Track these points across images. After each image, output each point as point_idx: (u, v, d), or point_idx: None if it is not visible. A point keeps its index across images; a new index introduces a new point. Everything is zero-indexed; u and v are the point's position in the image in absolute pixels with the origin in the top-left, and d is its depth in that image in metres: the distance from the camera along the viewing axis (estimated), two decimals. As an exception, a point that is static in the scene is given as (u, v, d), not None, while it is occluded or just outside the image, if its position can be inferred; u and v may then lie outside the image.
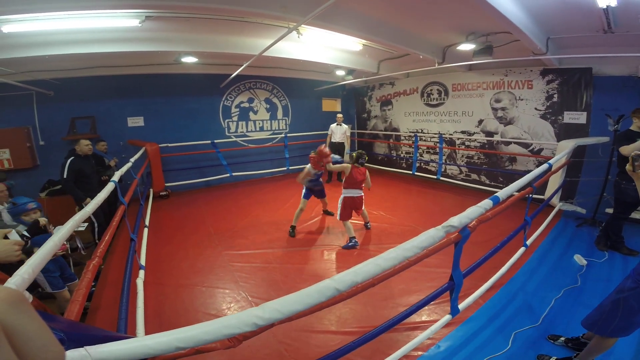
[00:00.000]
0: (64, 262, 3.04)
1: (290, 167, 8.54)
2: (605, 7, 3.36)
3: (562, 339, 2.35)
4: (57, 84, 5.84)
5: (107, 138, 5.89)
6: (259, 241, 4.41)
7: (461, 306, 2.50)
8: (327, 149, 4.37)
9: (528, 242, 3.66)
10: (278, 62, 6.63)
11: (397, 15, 4.37)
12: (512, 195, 2.67)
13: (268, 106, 8.69)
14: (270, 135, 8.82)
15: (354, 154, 4.25)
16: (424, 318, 2.70)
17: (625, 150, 3.29)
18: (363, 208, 4.51)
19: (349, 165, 4.19)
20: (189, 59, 5.64)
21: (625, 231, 3.79)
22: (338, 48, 6.01)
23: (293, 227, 4.59)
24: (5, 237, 1.40)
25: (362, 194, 4.34)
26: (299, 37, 4.27)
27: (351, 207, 4.27)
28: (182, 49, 4.91)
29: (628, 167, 1.71)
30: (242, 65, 5.74)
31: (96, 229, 4.17)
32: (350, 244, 4.11)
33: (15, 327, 0.38)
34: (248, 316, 1.06)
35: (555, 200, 4.94)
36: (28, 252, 1.32)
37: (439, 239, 1.70)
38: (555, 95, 5.51)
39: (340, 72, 7.49)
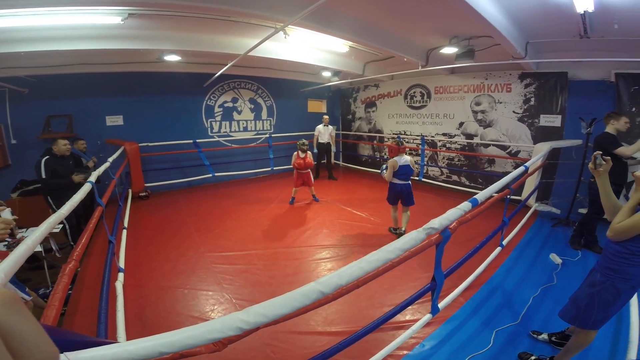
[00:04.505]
0: None
1: (274, 168, 8.51)
2: (582, 12, 3.48)
3: (545, 334, 2.42)
4: (32, 80, 5.57)
5: (84, 137, 5.67)
6: (242, 242, 4.37)
7: (441, 305, 2.56)
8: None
9: (505, 242, 3.78)
10: (264, 62, 6.58)
11: (383, 18, 4.42)
12: (490, 197, 2.75)
13: (252, 106, 8.62)
14: (255, 135, 8.75)
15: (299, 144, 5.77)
16: (407, 317, 2.74)
17: (628, 150, 3.40)
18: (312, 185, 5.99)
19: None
20: (172, 58, 5.52)
21: (598, 231, 3.95)
22: (324, 49, 6.03)
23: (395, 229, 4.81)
24: None
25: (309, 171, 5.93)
26: (285, 37, 4.25)
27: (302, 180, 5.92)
28: (165, 47, 4.80)
29: (590, 165, 1.81)
30: (226, 65, 5.67)
31: (68, 231, 4.03)
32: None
33: (10, 327, 0.39)
34: (233, 320, 1.05)
35: (531, 201, 5.12)
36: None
37: (421, 241, 1.74)
38: (532, 99, 5.71)
39: (326, 74, 7.53)
